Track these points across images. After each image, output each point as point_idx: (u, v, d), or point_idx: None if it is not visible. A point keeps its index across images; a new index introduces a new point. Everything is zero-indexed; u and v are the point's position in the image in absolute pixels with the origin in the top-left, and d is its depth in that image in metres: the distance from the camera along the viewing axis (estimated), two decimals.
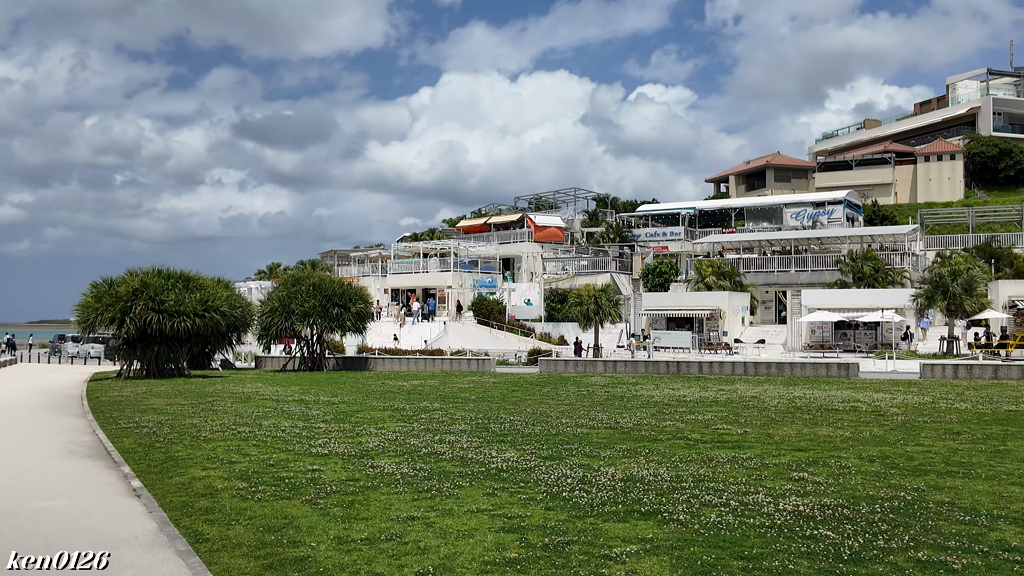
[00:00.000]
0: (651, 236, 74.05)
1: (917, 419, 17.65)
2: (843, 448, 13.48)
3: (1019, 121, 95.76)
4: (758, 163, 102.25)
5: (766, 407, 20.63)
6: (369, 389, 28.19)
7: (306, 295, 38.93)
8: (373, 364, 42.33)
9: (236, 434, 16.55)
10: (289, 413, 20.52)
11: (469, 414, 19.66)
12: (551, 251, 71.10)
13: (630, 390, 26.75)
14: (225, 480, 11.58)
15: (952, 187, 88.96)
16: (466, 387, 28.81)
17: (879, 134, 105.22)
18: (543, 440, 14.99)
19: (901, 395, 23.81)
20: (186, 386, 30.24)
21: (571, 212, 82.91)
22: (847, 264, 55.48)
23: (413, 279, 68.49)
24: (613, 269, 65.01)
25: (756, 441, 14.41)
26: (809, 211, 73.00)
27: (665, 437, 15.05)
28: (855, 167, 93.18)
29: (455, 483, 10.91)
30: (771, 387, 27.47)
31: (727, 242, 66.91)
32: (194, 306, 34.39)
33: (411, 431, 16.61)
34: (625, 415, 18.90)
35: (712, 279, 57.33)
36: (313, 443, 15.07)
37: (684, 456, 12.80)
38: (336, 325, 39.38)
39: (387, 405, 22.22)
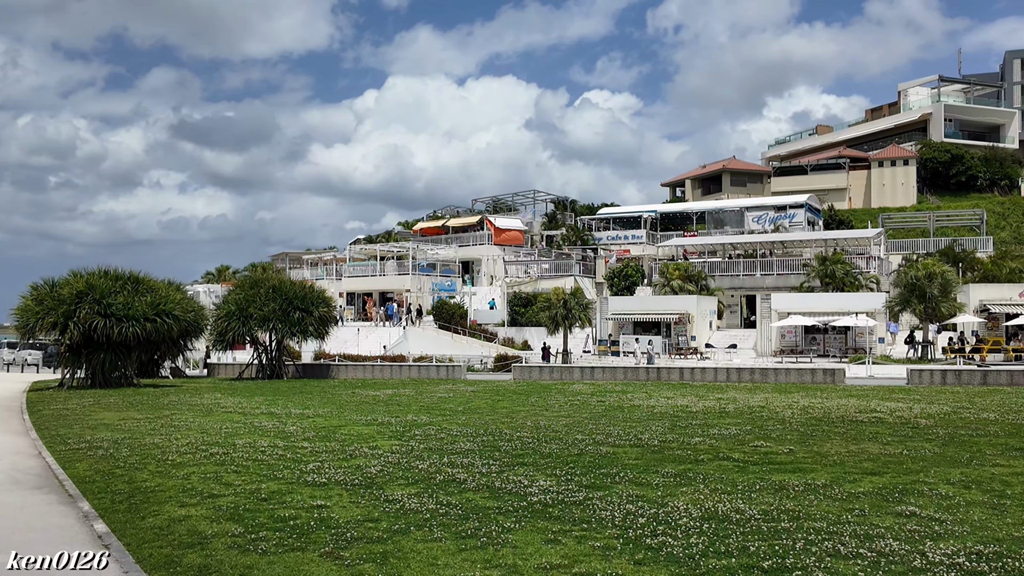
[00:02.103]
0: (612, 239, 72.77)
1: (960, 432, 16.24)
2: (918, 471, 11.90)
3: (969, 128, 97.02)
4: (714, 167, 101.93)
5: (784, 419, 19.09)
6: (341, 400, 26.03)
7: (265, 298, 36.46)
8: (335, 371, 40.03)
9: (209, 456, 14.38)
10: (262, 429, 18.33)
11: (466, 429, 17.73)
12: (512, 254, 69.35)
13: (622, 399, 25.05)
14: (212, 522, 9.49)
15: (906, 192, 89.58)
16: (445, 396, 26.84)
17: (832, 140, 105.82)
18: (570, 462, 13.15)
19: (914, 403, 22.52)
20: (137, 397, 27.68)
21: (530, 215, 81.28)
22: (815, 268, 54.74)
23: (369, 282, 66.13)
24: (577, 272, 63.51)
25: (813, 462, 12.77)
26: (770, 215, 72.51)
27: (707, 458, 13.33)
28: (810, 172, 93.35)
29: (499, 524, 9.01)
30: (768, 395, 26.02)
31: (690, 245, 65.93)
32: (144, 310, 31.74)
33: (411, 451, 14.63)
34: (640, 429, 17.16)
35: (678, 283, 56.19)
36: (303, 468, 13.01)
37: (748, 483, 11.07)
38: (298, 330, 36.98)
39: (369, 419, 20.15)
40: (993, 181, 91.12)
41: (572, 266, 64.32)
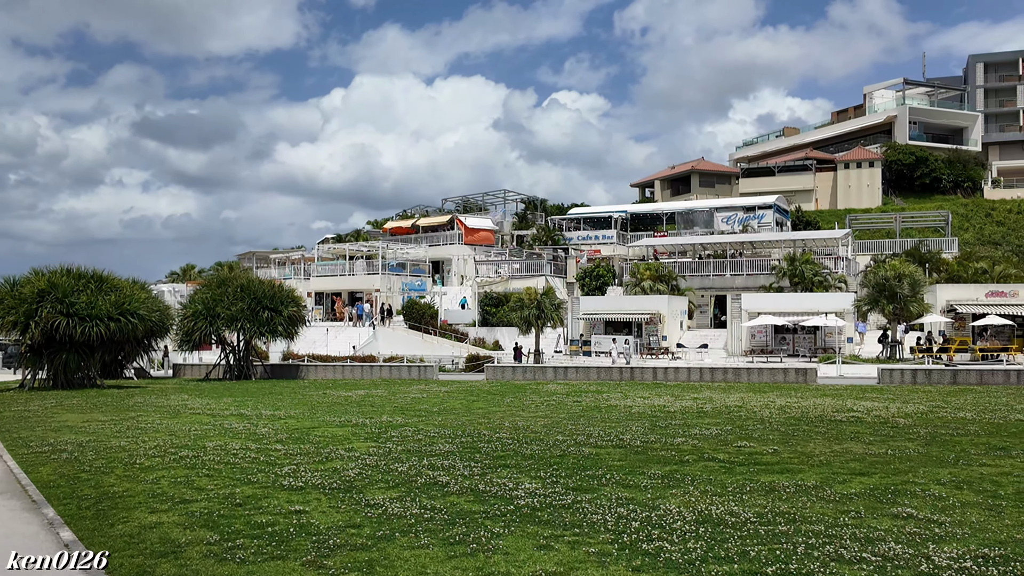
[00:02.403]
0: (583, 239, 72.70)
1: (941, 432, 16.20)
2: (906, 471, 11.76)
3: (933, 130, 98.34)
4: (683, 168, 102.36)
5: (763, 419, 18.97)
6: (313, 401, 25.52)
7: (233, 297, 35.75)
8: (304, 372, 39.41)
9: (179, 460, 13.90)
10: (233, 431, 17.83)
11: (443, 430, 17.37)
12: (483, 253, 68.98)
13: (599, 399, 24.83)
14: (186, 529, 9.07)
15: (871, 194, 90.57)
16: (419, 397, 26.44)
17: (799, 141, 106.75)
18: (553, 464, 12.86)
19: (889, 403, 22.54)
20: (101, 398, 26.95)
21: (500, 214, 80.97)
22: (784, 268, 55.03)
23: (338, 282, 65.39)
24: (548, 272, 63.32)
25: (799, 463, 12.59)
26: (739, 215, 72.87)
27: (692, 459, 13.10)
28: (777, 173, 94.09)
29: (488, 529, 8.68)
30: (744, 395, 25.95)
31: (661, 245, 66.03)
32: (108, 309, 30.95)
33: (389, 453, 14.25)
34: (620, 430, 16.91)
35: (648, 283, 56.21)
36: (278, 471, 12.59)
37: (738, 484, 10.85)
38: (267, 330, 36.31)
39: (343, 420, 19.71)
40: (957, 183, 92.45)
41: (543, 266, 64.12)
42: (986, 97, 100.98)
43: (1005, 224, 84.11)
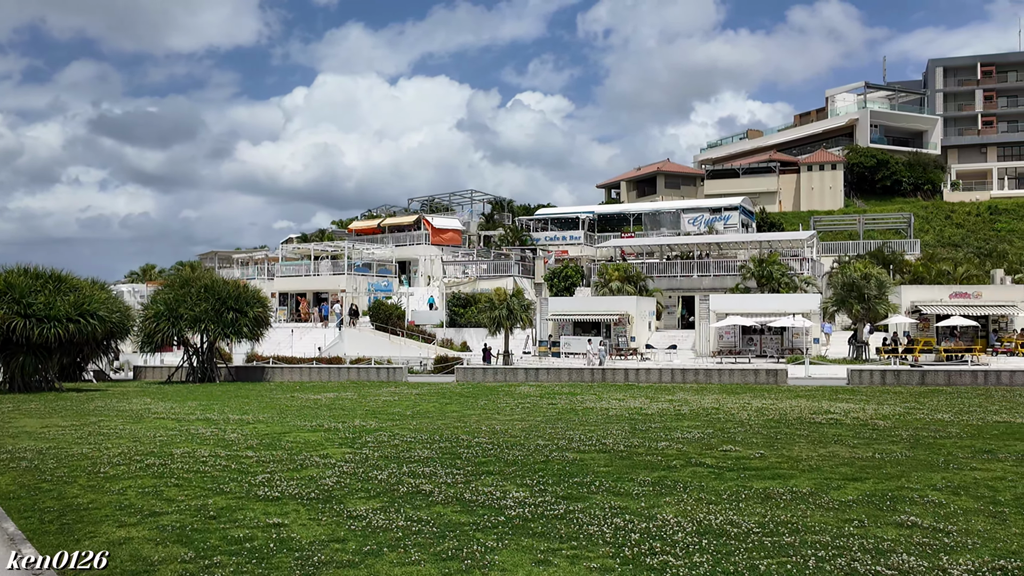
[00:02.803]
0: (550, 240, 72.50)
1: (922, 434, 16.09)
2: (898, 476, 11.56)
3: (894, 133, 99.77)
4: (649, 169, 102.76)
5: (742, 421, 18.78)
6: (281, 404, 24.89)
7: (197, 298, 34.87)
8: (270, 374, 38.63)
9: (145, 468, 13.30)
10: (200, 437, 17.21)
11: (420, 435, 16.92)
12: (450, 254, 68.45)
13: (573, 402, 24.51)
14: (158, 545, 8.54)
15: (833, 196, 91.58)
16: (390, 400, 25.92)
17: (762, 144, 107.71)
18: (537, 470, 12.48)
19: (863, 404, 22.50)
20: (60, 402, 26.05)
21: (467, 215, 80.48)
22: (751, 269, 55.24)
23: (303, 282, 64.43)
24: (516, 273, 62.95)
25: (789, 468, 12.35)
26: (706, 217, 73.15)
27: (679, 464, 12.80)
28: (742, 175, 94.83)
29: (480, 543, 8.27)
30: (718, 396, 25.79)
31: (628, 246, 66.02)
32: (67, 310, 30.00)
33: (366, 460, 13.77)
34: (600, 433, 16.58)
35: (616, 283, 56.12)
36: (252, 480, 12.06)
37: (731, 491, 10.55)
38: (232, 331, 35.48)
39: (314, 424, 19.15)
40: (917, 186, 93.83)
41: (511, 266, 63.75)
42: (945, 101, 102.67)
43: (964, 226, 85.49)
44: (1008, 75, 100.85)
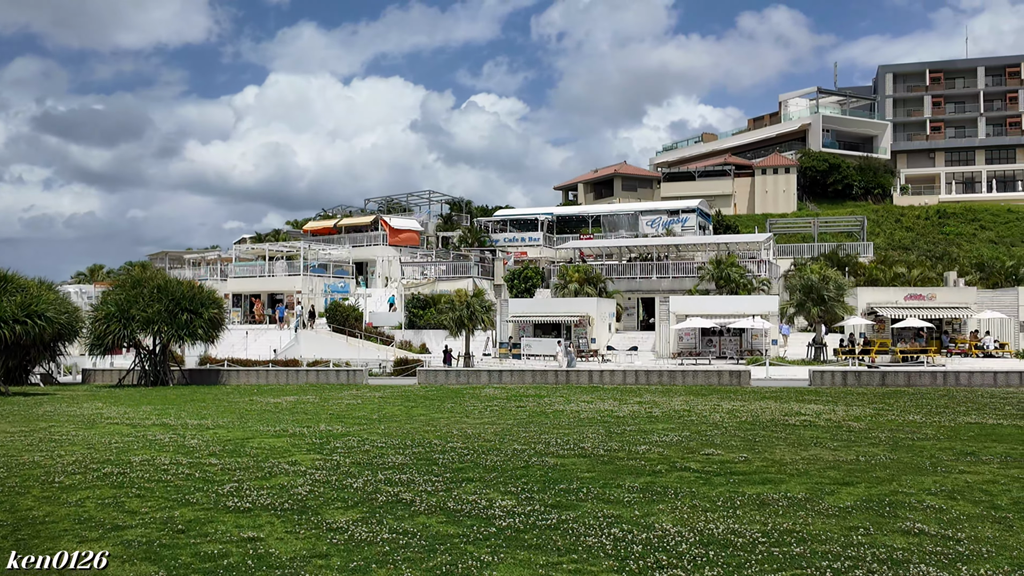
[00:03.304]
0: (509, 241, 72.14)
1: (900, 436, 16.00)
2: (889, 480, 11.35)
3: (845, 138, 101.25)
4: (606, 172, 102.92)
5: (717, 424, 18.55)
6: (240, 408, 24.09)
7: (149, 299, 33.74)
8: (225, 377, 37.60)
9: (103, 477, 12.58)
10: (159, 443, 16.45)
11: (390, 439, 16.37)
12: (408, 255, 67.71)
13: (542, 404, 24.11)
14: (124, 563, 7.92)
15: (787, 199, 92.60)
16: (353, 403, 25.26)
17: (717, 147, 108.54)
18: (519, 476, 12.04)
19: (832, 406, 22.45)
20: (7, 407, 24.91)
21: (425, 215, 79.74)
22: (710, 270, 55.47)
23: (258, 283, 63.18)
24: (476, 274, 62.47)
25: (776, 472, 12.08)
26: (664, 219, 73.41)
27: (664, 469, 12.46)
28: (698, 178, 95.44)
29: (474, 557, 7.80)
30: (687, 398, 25.59)
31: (587, 248, 65.94)
32: (13, 311, 28.79)
33: (338, 467, 13.20)
34: (576, 437, 16.20)
35: (576, 285, 55.98)
36: (219, 490, 11.43)
37: (725, 498, 10.23)
38: (186, 333, 34.39)
39: (278, 429, 18.47)
40: (867, 190, 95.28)
41: (470, 267, 63.25)
42: (895, 107, 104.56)
43: (914, 230, 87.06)
44: (956, 82, 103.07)
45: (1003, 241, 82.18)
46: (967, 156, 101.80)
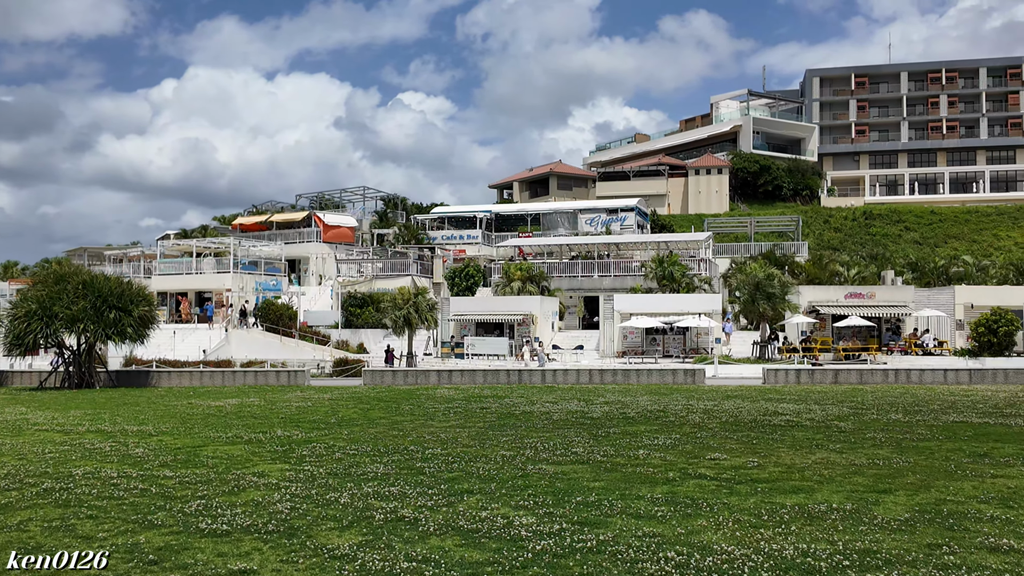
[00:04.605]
0: (448, 239, 70.77)
1: (897, 437, 15.41)
2: (924, 487, 10.59)
3: (775, 140, 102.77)
4: (541, 171, 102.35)
5: (698, 424, 17.72)
6: (180, 412, 22.31)
7: (74, 295, 31.41)
8: (155, 379, 35.40)
9: (44, 494, 10.99)
10: (100, 453, 14.79)
11: (360, 446, 15.03)
12: (344, 252, 65.71)
13: (504, 405, 22.96)
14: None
15: (719, 199, 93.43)
16: (304, 406, 23.70)
17: (650, 148, 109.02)
18: (520, 486, 10.89)
19: (803, 404, 21.90)
20: None
21: (359, 212, 77.70)
22: (653, 269, 55.15)
23: (185, 281, 60.32)
24: (415, 272, 60.93)
25: (799, 479, 11.22)
26: (603, 217, 73.06)
27: (675, 476, 11.48)
28: (633, 178, 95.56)
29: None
30: (654, 397, 24.77)
31: (528, 246, 65.03)
32: None
33: (313, 479, 11.85)
34: (560, 440, 15.12)
35: (518, 283, 55.00)
36: (186, 509, 9.99)
37: (766, 510, 9.28)
38: (114, 332, 32.13)
39: (230, 436, 16.90)
40: (796, 191, 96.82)
41: (409, 265, 61.68)
42: (821, 110, 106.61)
43: (842, 230, 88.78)
44: (880, 86, 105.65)
45: (927, 242, 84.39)
46: (890, 159, 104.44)
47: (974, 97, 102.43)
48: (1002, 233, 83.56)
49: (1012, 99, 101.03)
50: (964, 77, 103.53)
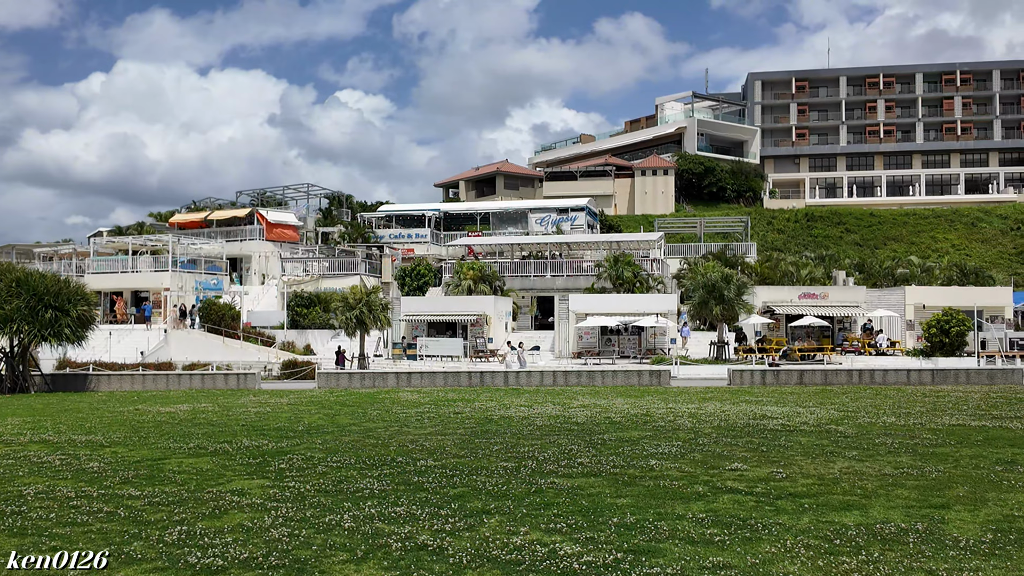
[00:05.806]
0: (396, 238, 69.20)
1: (905, 442, 14.81)
2: (980, 501, 9.87)
3: (718, 142, 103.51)
4: (488, 170, 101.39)
5: (694, 430, 16.89)
6: (129, 420, 20.66)
7: (7, 294, 29.29)
8: (94, 383, 33.38)
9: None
10: (50, 467, 13.28)
11: (341, 457, 13.79)
12: (288, 251, 63.68)
13: (476, 409, 21.85)
14: None
15: (665, 200, 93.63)
16: (262, 411, 22.24)
17: (596, 148, 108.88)
18: (539, 504, 9.84)
19: (790, 407, 21.30)
20: None
21: (303, 210, 75.60)
22: (606, 269, 54.57)
23: (120, 280, 57.59)
24: (363, 271, 59.25)
25: (838, 492, 10.41)
26: (553, 217, 72.35)
27: (705, 491, 10.56)
28: (580, 178, 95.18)
29: None
30: (633, 400, 23.95)
31: (479, 245, 63.94)
32: None
33: (301, 496, 10.61)
34: (558, 450, 14.11)
35: (469, 283, 53.87)
36: (165, 536, 8.69)
37: (827, 532, 8.41)
38: (51, 333, 30.08)
39: (193, 447, 15.47)
40: (739, 192, 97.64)
41: (357, 264, 59.97)
42: (763, 113, 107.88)
43: (785, 232, 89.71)
44: (819, 90, 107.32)
45: (867, 243, 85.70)
46: (830, 162, 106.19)
47: (910, 102, 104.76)
48: (939, 235, 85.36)
49: (947, 104, 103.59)
50: (901, 82, 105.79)
